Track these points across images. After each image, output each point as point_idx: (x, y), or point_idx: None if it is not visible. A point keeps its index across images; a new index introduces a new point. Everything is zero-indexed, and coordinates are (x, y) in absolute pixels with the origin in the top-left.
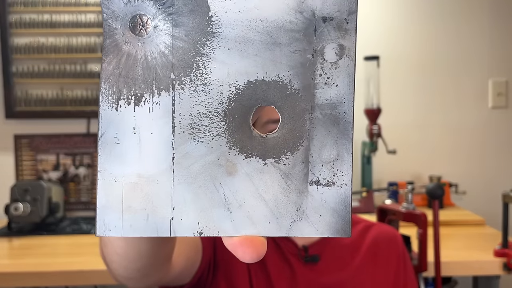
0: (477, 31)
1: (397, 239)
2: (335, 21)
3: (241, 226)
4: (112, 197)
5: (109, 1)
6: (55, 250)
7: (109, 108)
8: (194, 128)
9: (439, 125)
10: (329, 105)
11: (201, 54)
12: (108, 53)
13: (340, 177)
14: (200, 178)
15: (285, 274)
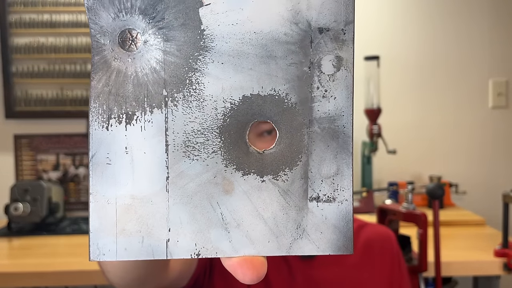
0: (477, 31)
1: (390, 239)
2: (332, 32)
3: (240, 246)
4: (105, 220)
5: (96, 16)
6: (55, 250)
7: (99, 127)
8: (188, 146)
9: (439, 125)
10: (328, 118)
11: (194, 69)
12: (97, 70)
13: (340, 193)
14: (196, 198)
15: (282, 270)
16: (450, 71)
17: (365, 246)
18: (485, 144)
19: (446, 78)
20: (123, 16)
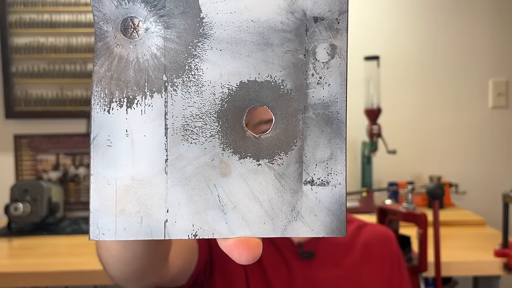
0: (478, 31)
1: (390, 239)
2: (326, 21)
3: (236, 227)
4: (105, 201)
5: (99, 3)
6: (55, 250)
7: (101, 111)
8: (187, 130)
9: (439, 125)
10: (322, 104)
11: (193, 56)
12: (100, 55)
13: (334, 177)
14: (194, 180)
15: (282, 270)
16: (450, 71)
17: (365, 246)
18: (485, 144)
19: (446, 78)
20: (126, 4)
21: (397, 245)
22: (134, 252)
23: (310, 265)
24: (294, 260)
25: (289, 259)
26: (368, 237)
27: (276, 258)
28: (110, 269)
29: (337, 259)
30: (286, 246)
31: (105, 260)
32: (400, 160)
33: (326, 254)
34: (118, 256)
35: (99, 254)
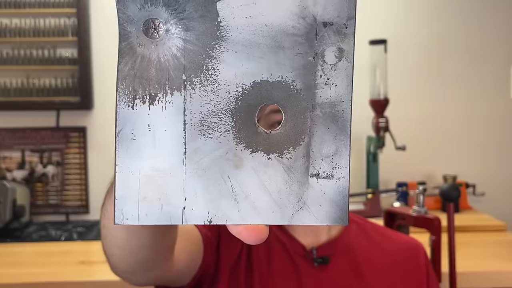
0: (498, 12)
1: (419, 251)
2: (335, 26)
3: (247, 215)
4: (129, 189)
5: (124, 6)
6: (20, 260)
7: (125, 106)
8: (204, 125)
9: (454, 118)
10: (329, 104)
11: (210, 57)
12: (124, 55)
13: (338, 171)
14: (209, 171)
15: (291, 277)
16: (467, 57)
17: (387, 256)
18: (506, 139)
19: (462, 66)
20: (148, 7)
21: (426, 258)
22: (139, 241)
23: (323, 272)
24: (306, 267)
25: (300, 266)
26: (392, 246)
27: (286, 264)
28: (115, 260)
29: (353, 266)
30: (297, 252)
31: (110, 251)
32: (410, 157)
33: (341, 261)
34: (124, 246)
35: (104, 245)
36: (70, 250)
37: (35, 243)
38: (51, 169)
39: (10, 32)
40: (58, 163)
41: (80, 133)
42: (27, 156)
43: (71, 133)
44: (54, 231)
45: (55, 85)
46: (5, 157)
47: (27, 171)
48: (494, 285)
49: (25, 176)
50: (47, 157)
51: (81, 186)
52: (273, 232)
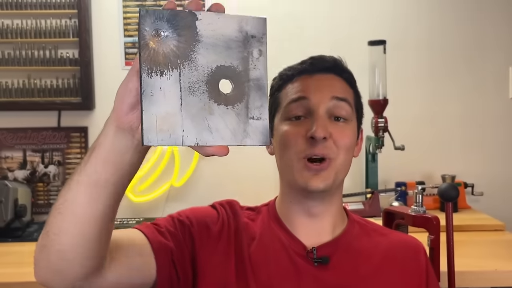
0: (496, 12)
1: (418, 251)
2: (257, 37)
3: (217, 140)
4: (151, 124)
5: (144, 21)
6: (21, 259)
7: (146, 76)
8: (191, 89)
9: (453, 117)
10: (256, 79)
11: (192, 51)
12: (143, 47)
13: (263, 115)
14: (195, 115)
15: (290, 276)
16: (465, 57)
17: (386, 255)
18: (505, 139)
19: (461, 65)
20: (157, 22)
21: (427, 258)
22: (89, 229)
23: (323, 272)
24: (306, 266)
25: (300, 265)
26: (392, 246)
27: (285, 264)
28: (62, 241)
29: (354, 266)
30: (298, 251)
31: (56, 230)
32: (409, 157)
33: (342, 261)
34: (73, 233)
35: (45, 236)
36: None
37: (36, 242)
38: (52, 169)
39: (11, 32)
40: (59, 163)
41: (81, 133)
42: (29, 156)
43: (72, 133)
44: None
45: (57, 86)
46: (7, 157)
47: (28, 171)
48: (493, 284)
49: (26, 176)
50: (49, 157)
51: None
52: (275, 232)
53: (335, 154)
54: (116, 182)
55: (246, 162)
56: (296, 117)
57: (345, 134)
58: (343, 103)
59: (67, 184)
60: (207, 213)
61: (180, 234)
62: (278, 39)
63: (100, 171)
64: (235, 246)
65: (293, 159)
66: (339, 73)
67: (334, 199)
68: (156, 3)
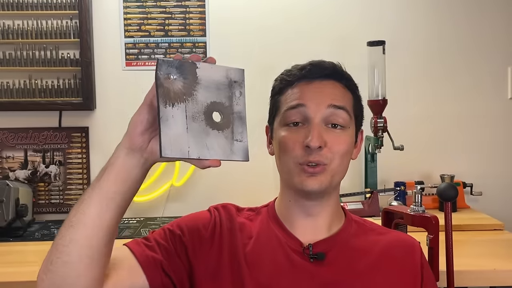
0: (495, 12)
1: (414, 248)
2: (238, 82)
3: (213, 155)
4: (166, 141)
5: (160, 68)
6: (23, 258)
7: (162, 107)
8: (193, 117)
9: (452, 118)
10: (238, 112)
11: (194, 90)
12: (159, 86)
13: (244, 139)
14: (197, 136)
15: (285, 272)
16: (465, 57)
17: (382, 252)
18: (503, 139)
19: (459, 66)
20: (169, 68)
21: (422, 256)
22: (97, 241)
23: (319, 268)
24: (301, 262)
25: (296, 261)
26: (388, 244)
27: (280, 260)
28: (77, 248)
29: (349, 263)
30: (294, 248)
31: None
32: (408, 157)
33: (337, 257)
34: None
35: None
36: None
37: (38, 242)
38: (53, 168)
39: (12, 33)
40: (60, 163)
41: (82, 133)
42: (30, 156)
43: (73, 133)
44: (56, 230)
45: (57, 86)
46: (8, 157)
47: (29, 171)
48: (491, 283)
49: (27, 175)
50: (50, 157)
51: (83, 185)
52: (273, 231)
53: (330, 160)
54: (123, 194)
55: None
56: (294, 123)
57: (341, 141)
58: (340, 111)
59: (79, 200)
60: (200, 219)
61: (171, 245)
62: (278, 38)
63: (111, 185)
64: (229, 246)
65: (290, 163)
66: (338, 79)
67: (331, 199)
68: (157, 3)
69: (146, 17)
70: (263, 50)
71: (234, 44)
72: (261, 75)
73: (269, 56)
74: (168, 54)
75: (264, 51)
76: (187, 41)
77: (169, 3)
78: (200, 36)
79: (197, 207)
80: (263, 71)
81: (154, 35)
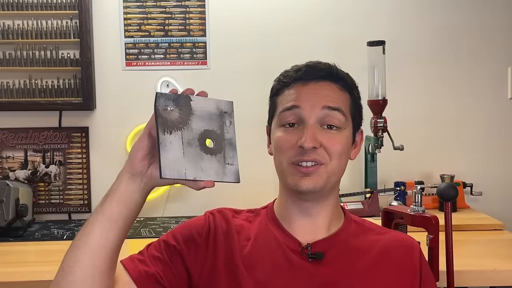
0: (495, 14)
1: (413, 248)
2: (228, 113)
3: (207, 176)
4: (165, 164)
5: (159, 100)
6: (23, 258)
7: (161, 134)
8: (189, 144)
9: (451, 118)
10: (229, 139)
11: (189, 119)
12: (158, 116)
13: (234, 162)
14: (193, 160)
15: (283, 271)
16: (465, 57)
17: (381, 252)
18: (503, 139)
19: (460, 66)
20: (167, 101)
21: (422, 256)
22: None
23: (317, 268)
24: (300, 262)
25: (294, 261)
26: (387, 244)
27: (278, 260)
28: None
29: (348, 263)
30: (293, 248)
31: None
32: (408, 157)
33: (336, 257)
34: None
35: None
36: None
37: (38, 242)
38: (53, 168)
39: (12, 33)
40: (60, 162)
41: (82, 133)
42: (30, 156)
43: (73, 133)
44: (56, 230)
45: (58, 86)
46: (8, 157)
47: (29, 170)
48: (491, 283)
49: (27, 175)
50: (50, 157)
51: (83, 185)
52: (271, 231)
53: (326, 160)
54: (125, 217)
55: (247, 163)
56: (289, 124)
57: (336, 142)
58: (335, 112)
59: (84, 224)
60: (194, 226)
61: (166, 256)
62: (278, 38)
63: (113, 208)
64: (225, 250)
65: (284, 163)
66: (334, 81)
67: (329, 199)
68: (157, 3)
69: (146, 17)
70: (263, 50)
71: (234, 44)
72: (261, 75)
73: (269, 56)
74: (168, 54)
75: (264, 51)
76: (187, 41)
77: (169, 3)
78: (200, 36)
79: (196, 207)
80: (263, 71)
81: (154, 35)
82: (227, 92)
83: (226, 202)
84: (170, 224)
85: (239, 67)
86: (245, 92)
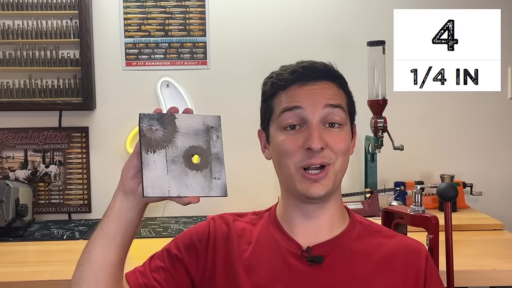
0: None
1: (419, 254)
2: (215, 128)
3: (192, 193)
4: (148, 183)
5: (143, 121)
6: (23, 258)
7: (145, 153)
8: (173, 161)
9: (451, 118)
10: (216, 153)
11: (174, 137)
12: (142, 136)
13: (222, 177)
14: (177, 177)
15: (282, 275)
16: None
17: (385, 256)
18: (503, 139)
19: None
20: (151, 121)
21: (428, 261)
22: (109, 259)
23: (317, 271)
24: (299, 265)
25: (293, 264)
26: (392, 249)
27: (277, 264)
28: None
29: (348, 266)
30: (292, 251)
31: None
32: (407, 157)
33: (336, 261)
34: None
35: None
36: (72, 248)
37: (38, 241)
38: (53, 168)
39: (12, 33)
40: (60, 162)
41: (82, 133)
42: (30, 156)
43: (73, 133)
44: (56, 230)
45: (58, 86)
46: (8, 157)
47: (29, 170)
48: (491, 283)
49: (27, 175)
50: (50, 157)
51: (83, 185)
52: (272, 234)
53: (333, 160)
54: (122, 234)
55: (247, 163)
56: (291, 126)
57: (340, 140)
58: (337, 109)
59: (87, 243)
60: (195, 233)
61: (168, 265)
62: (278, 38)
63: (110, 225)
64: (225, 255)
65: (291, 168)
66: (332, 79)
67: (332, 200)
68: (157, 3)
69: (146, 17)
70: (263, 49)
71: (234, 44)
72: (261, 75)
73: (269, 56)
74: (168, 54)
75: (264, 51)
76: (187, 41)
77: (169, 3)
78: (200, 36)
79: (196, 208)
80: (263, 71)
81: (154, 35)
82: (227, 92)
83: (226, 203)
84: (170, 224)
85: (239, 67)
86: (245, 92)
